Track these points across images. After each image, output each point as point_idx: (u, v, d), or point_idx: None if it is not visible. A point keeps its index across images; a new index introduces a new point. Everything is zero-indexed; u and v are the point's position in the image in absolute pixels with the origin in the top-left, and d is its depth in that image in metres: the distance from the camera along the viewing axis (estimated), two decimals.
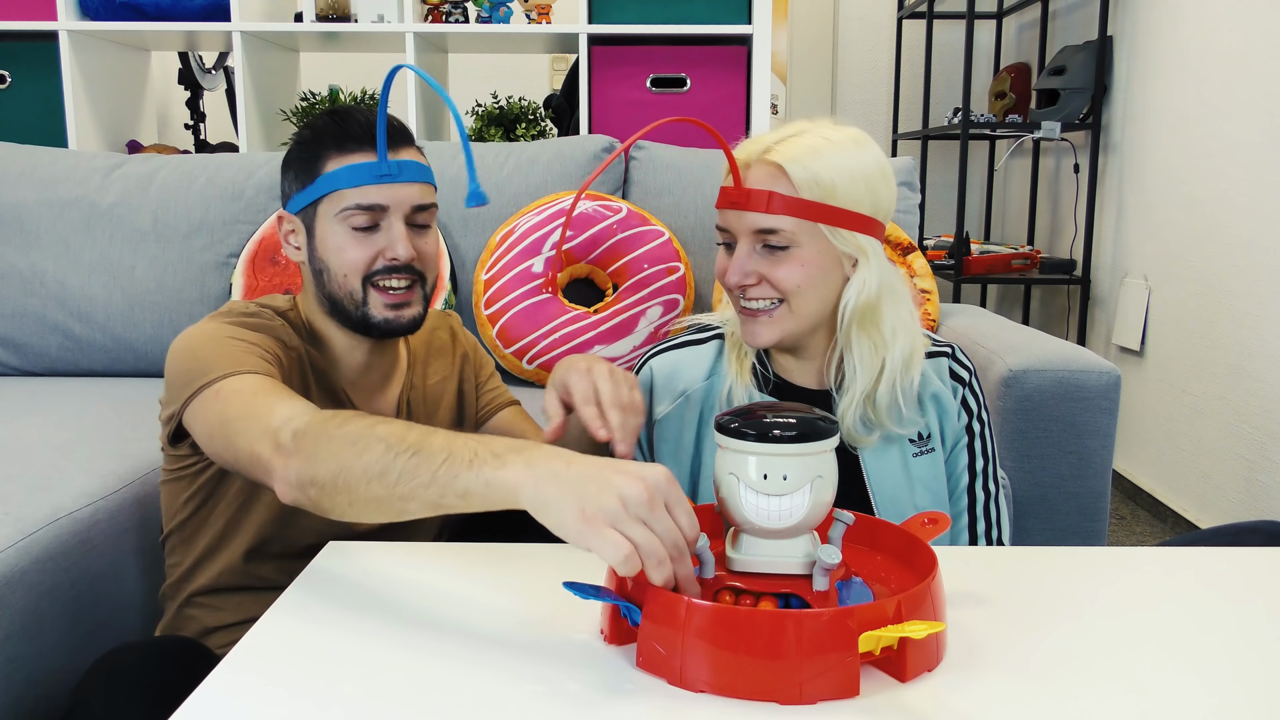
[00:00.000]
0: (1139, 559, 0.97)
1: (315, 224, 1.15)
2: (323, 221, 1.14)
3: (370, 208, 1.12)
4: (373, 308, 1.14)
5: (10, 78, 2.69)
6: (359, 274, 1.13)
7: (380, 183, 1.12)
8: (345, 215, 1.12)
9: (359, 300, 1.14)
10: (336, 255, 1.13)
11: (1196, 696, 0.70)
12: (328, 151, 1.13)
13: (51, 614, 1.20)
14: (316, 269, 1.15)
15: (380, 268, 1.13)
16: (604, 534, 0.70)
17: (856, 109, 4.19)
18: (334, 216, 1.12)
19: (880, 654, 0.72)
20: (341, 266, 1.13)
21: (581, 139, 2.14)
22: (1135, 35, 3.10)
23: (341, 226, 1.12)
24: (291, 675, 0.72)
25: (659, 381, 1.22)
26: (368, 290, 1.14)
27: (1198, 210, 2.73)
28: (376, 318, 1.14)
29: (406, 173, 1.13)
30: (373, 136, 1.12)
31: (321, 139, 1.14)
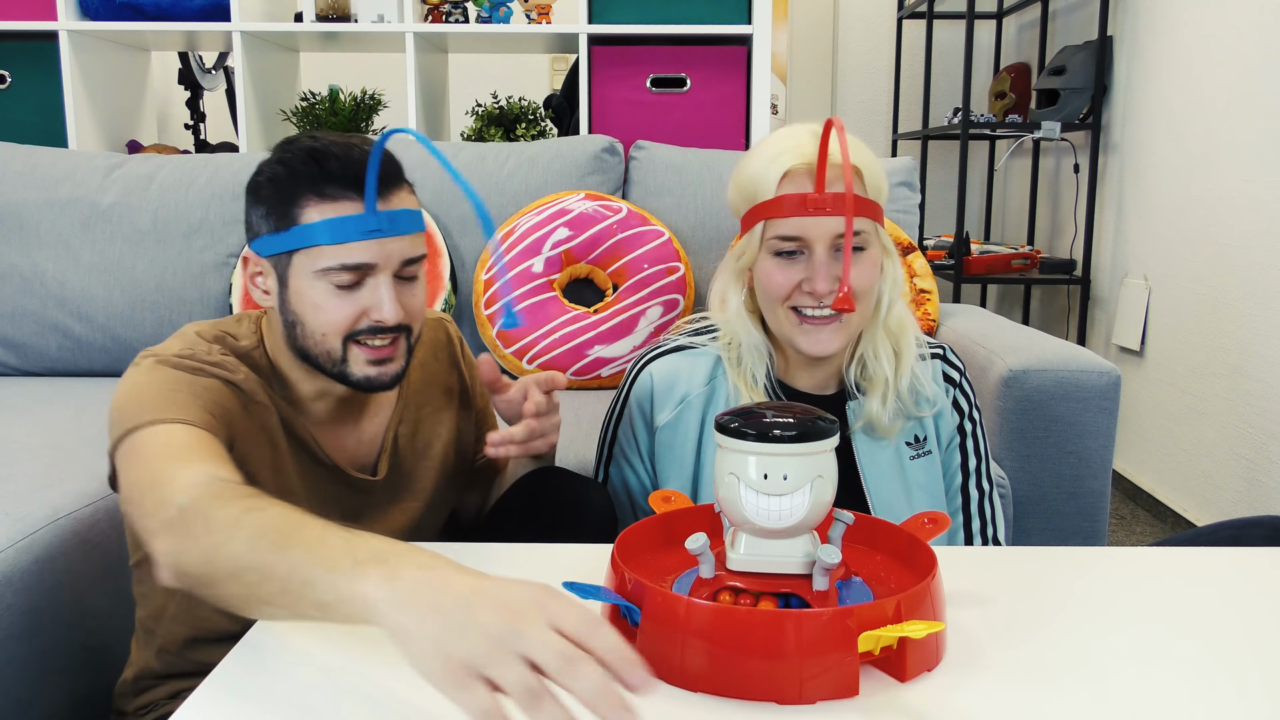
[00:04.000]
0: (1139, 559, 0.97)
1: (289, 275, 1.01)
2: (298, 275, 1.00)
3: (356, 267, 0.99)
4: (352, 364, 1.03)
5: (10, 78, 2.69)
6: (339, 334, 1.01)
7: (368, 239, 0.99)
8: (327, 275, 0.99)
9: (337, 359, 1.03)
10: (314, 313, 1.01)
11: (1197, 696, 0.70)
12: (305, 195, 0.99)
13: (51, 614, 1.20)
14: (289, 320, 1.03)
15: (364, 328, 1.01)
16: (467, 688, 0.60)
17: (856, 109, 4.19)
18: (312, 272, 0.99)
19: (880, 654, 0.72)
20: (319, 326, 1.01)
21: (581, 139, 2.14)
22: (1135, 35, 3.10)
23: (321, 283, 1.00)
24: (289, 677, 0.72)
25: (659, 387, 1.21)
26: (348, 348, 1.02)
27: (1198, 210, 2.73)
28: (356, 375, 1.03)
29: (398, 225, 1.00)
30: (357, 180, 0.98)
31: (298, 180, 0.99)
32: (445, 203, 2.05)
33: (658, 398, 1.21)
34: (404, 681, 0.71)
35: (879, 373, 1.18)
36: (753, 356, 1.18)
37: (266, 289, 1.04)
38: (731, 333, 1.20)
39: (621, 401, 1.25)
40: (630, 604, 0.74)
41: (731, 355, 1.20)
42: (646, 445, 1.23)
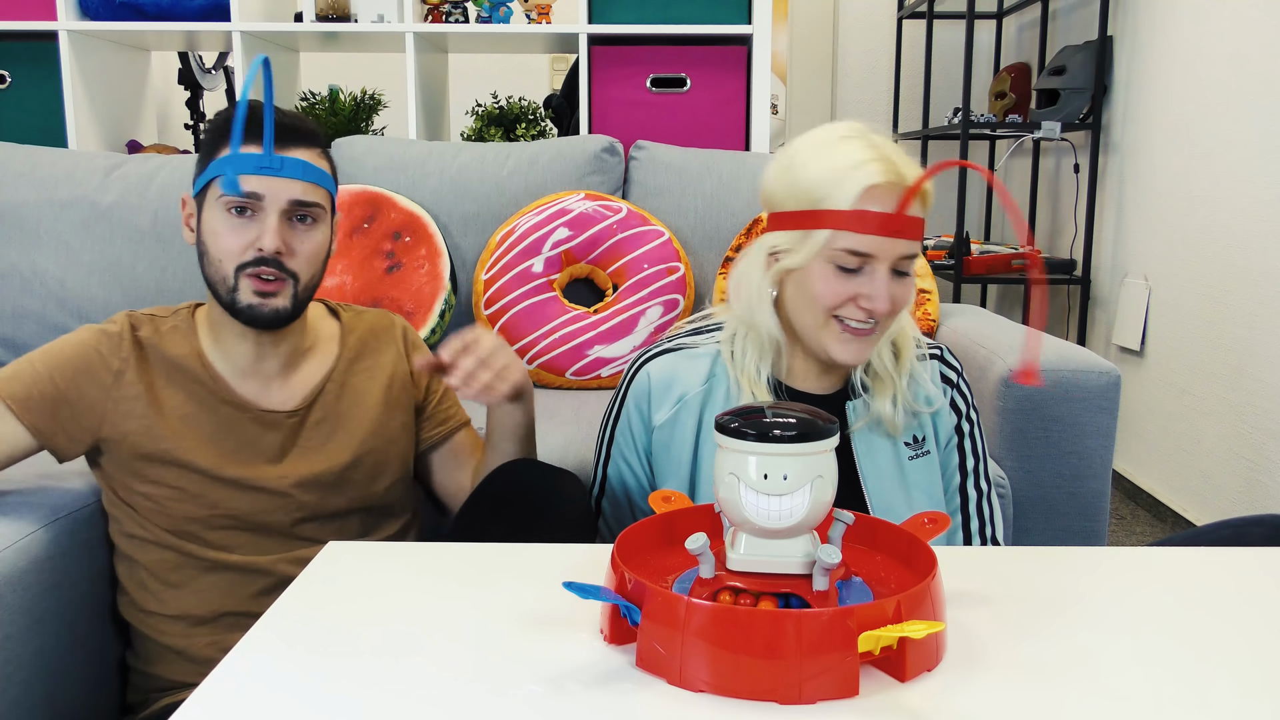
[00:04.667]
0: (1139, 559, 0.97)
1: (203, 207, 1.19)
2: (208, 206, 1.18)
3: (247, 194, 1.15)
4: (240, 293, 1.16)
5: (10, 78, 2.69)
6: (233, 261, 1.16)
7: (260, 173, 1.15)
8: (224, 200, 1.15)
9: (230, 286, 1.17)
10: (213, 239, 1.17)
11: (1197, 696, 0.70)
12: (224, 140, 1.17)
13: (51, 614, 1.20)
14: (200, 251, 1.19)
15: (250, 259, 1.16)
16: None
17: (856, 109, 4.19)
18: (215, 201, 1.16)
19: (880, 654, 0.72)
20: (217, 251, 1.17)
21: (581, 139, 2.14)
22: (1135, 35, 3.10)
23: (220, 211, 1.16)
24: (291, 675, 0.72)
25: (656, 387, 1.21)
26: (239, 277, 1.16)
27: (1198, 210, 2.73)
28: (242, 303, 1.17)
29: (289, 169, 1.16)
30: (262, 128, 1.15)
31: (224, 128, 1.17)
32: (445, 203, 2.05)
33: (655, 397, 1.21)
34: (408, 677, 0.71)
35: (885, 372, 1.18)
36: (762, 352, 1.17)
37: (192, 226, 1.21)
38: (747, 325, 1.18)
39: (619, 401, 1.25)
40: (630, 604, 0.74)
41: (735, 349, 1.19)
42: (644, 444, 1.23)
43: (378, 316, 1.37)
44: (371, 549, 0.96)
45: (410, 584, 0.88)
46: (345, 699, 0.69)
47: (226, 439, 1.22)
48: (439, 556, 0.95)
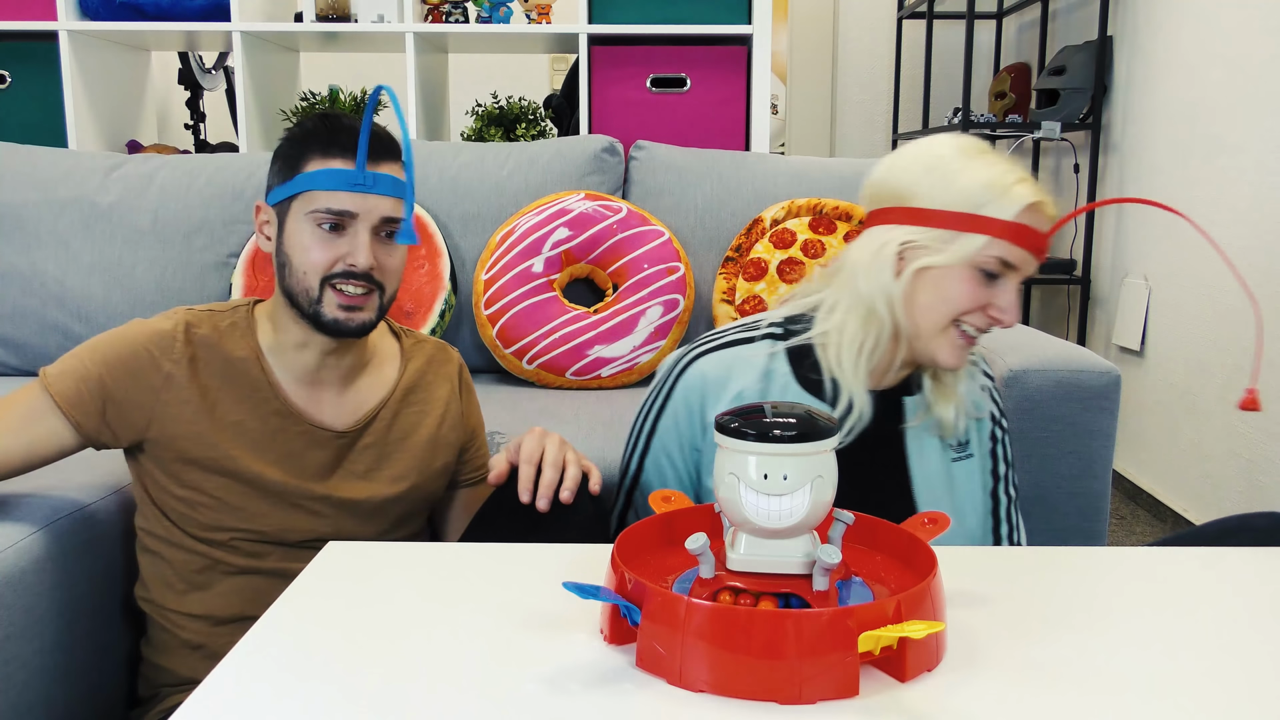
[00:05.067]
0: (1139, 559, 0.97)
1: (287, 219, 1.18)
2: (294, 218, 1.17)
3: (339, 213, 1.15)
4: (325, 306, 1.16)
5: (10, 78, 2.69)
6: (318, 274, 1.16)
7: (353, 190, 1.15)
8: (315, 216, 1.15)
9: (314, 298, 1.16)
10: (301, 253, 1.16)
11: (1197, 696, 0.70)
12: (312, 152, 1.16)
13: (51, 614, 1.20)
14: (280, 261, 1.19)
15: (339, 271, 1.16)
16: None
17: (856, 109, 4.19)
18: (304, 215, 1.16)
19: (880, 654, 0.72)
20: (303, 264, 1.16)
21: (581, 139, 2.14)
22: (1135, 35, 3.10)
23: (310, 225, 1.15)
24: (291, 675, 0.72)
25: (711, 381, 1.18)
26: (324, 290, 1.16)
27: (1198, 210, 2.73)
28: (327, 316, 1.17)
29: (380, 185, 1.16)
30: (356, 145, 1.15)
31: (309, 139, 1.17)
32: (445, 203, 2.05)
33: (710, 393, 1.18)
34: (408, 676, 0.71)
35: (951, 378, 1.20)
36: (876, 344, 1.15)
37: (269, 235, 1.21)
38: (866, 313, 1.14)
39: (663, 396, 1.23)
40: (630, 604, 0.74)
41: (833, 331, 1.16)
42: (692, 440, 1.21)
43: (437, 348, 1.37)
44: (372, 549, 0.96)
45: (410, 584, 0.88)
46: (345, 699, 0.69)
47: (272, 449, 1.21)
48: (439, 556, 0.95)
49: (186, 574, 1.22)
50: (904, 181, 1.13)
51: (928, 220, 1.11)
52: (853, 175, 2.12)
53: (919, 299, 1.12)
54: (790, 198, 2.08)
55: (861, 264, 1.14)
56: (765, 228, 2.04)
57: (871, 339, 1.14)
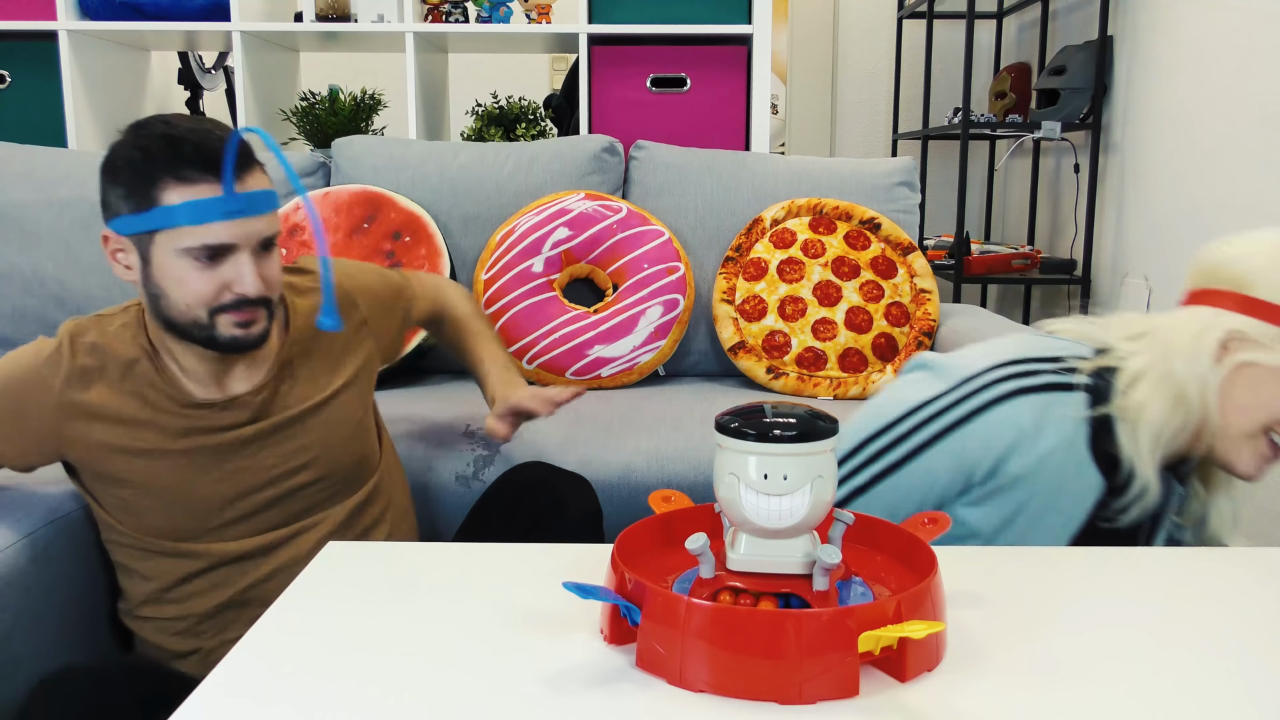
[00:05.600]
0: (1140, 559, 0.97)
1: (151, 252, 1.07)
2: (161, 252, 1.06)
3: (218, 248, 1.05)
4: (220, 328, 1.09)
5: (10, 78, 2.69)
6: (204, 306, 1.08)
7: (228, 219, 1.05)
8: (188, 251, 1.05)
9: (204, 324, 1.09)
10: (177, 286, 1.07)
11: (1197, 696, 0.70)
12: (163, 177, 1.04)
13: (51, 614, 1.20)
14: (153, 293, 1.09)
15: (227, 302, 1.08)
16: None
17: (856, 109, 4.19)
18: (174, 250, 1.05)
19: (880, 654, 0.72)
20: (184, 298, 1.07)
21: (581, 139, 2.14)
22: (1135, 35, 3.10)
23: (181, 258, 1.06)
24: (291, 675, 0.72)
25: (1025, 434, 1.05)
26: (214, 317, 1.09)
27: (1198, 210, 2.73)
28: (224, 336, 1.10)
29: (256, 205, 1.07)
30: (213, 164, 1.04)
31: (155, 163, 1.04)
32: (445, 203, 2.05)
33: (1019, 447, 1.06)
34: (408, 677, 0.71)
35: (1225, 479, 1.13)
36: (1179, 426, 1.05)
37: (128, 264, 1.10)
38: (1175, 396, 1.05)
39: (966, 413, 1.08)
40: (630, 604, 0.74)
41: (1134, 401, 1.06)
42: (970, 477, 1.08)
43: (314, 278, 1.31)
44: (372, 549, 0.96)
45: (410, 584, 0.88)
46: (345, 699, 0.69)
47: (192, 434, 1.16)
48: (439, 556, 0.95)
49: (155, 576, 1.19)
50: (1246, 268, 1.04)
51: (1265, 314, 1.03)
52: (852, 175, 2.12)
53: (1235, 396, 1.04)
54: (790, 198, 2.08)
55: (1180, 344, 1.05)
56: (765, 228, 2.04)
57: (1175, 424, 1.05)
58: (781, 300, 1.96)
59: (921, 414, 1.10)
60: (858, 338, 1.94)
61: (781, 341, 1.95)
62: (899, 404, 1.11)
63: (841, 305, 1.95)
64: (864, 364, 1.94)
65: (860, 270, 1.98)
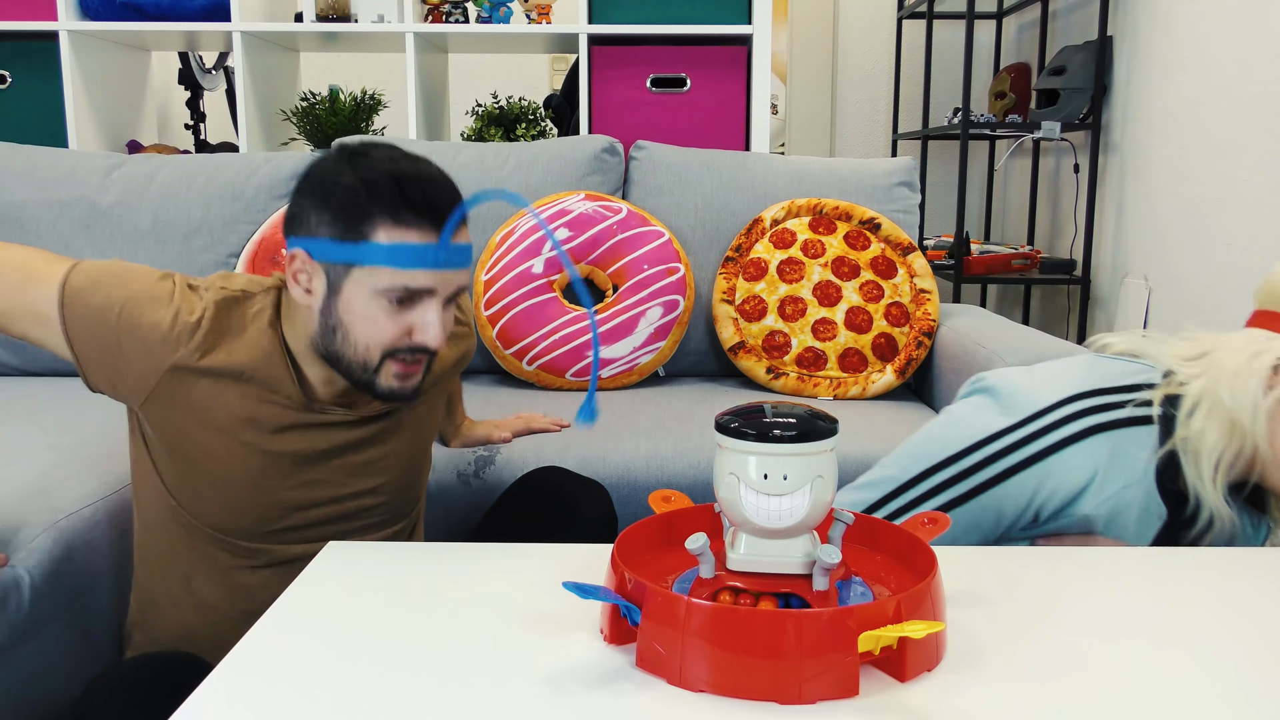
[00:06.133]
0: (1140, 559, 0.97)
1: (344, 284, 1.04)
2: (356, 287, 1.04)
3: (417, 292, 1.03)
4: (382, 377, 1.07)
5: (10, 78, 2.69)
6: (382, 349, 1.05)
7: (436, 268, 1.03)
8: (387, 291, 1.03)
9: (371, 369, 1.07)
10: (365, 325, 1.04)
11: (1197, 696, 0.70)
12: (380, 216, 1.01)
13: (51, 614, 1.20)
14: (330, 324, 1.06)
15: (404, 347, 1.06)
16: None
17: (856, 109, 4.19)
18: (372, 288, 1.03)
19: (880, 654, 0.72)
20: (364, 338, 1.05)
21: (581, 139, 2.14)
22: (1135, 35, 3.10)
23: (377, 298, 1.03)
24: (291, 675, 0.72)
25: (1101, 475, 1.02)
26: (384, 361, 1.06)
27: (1198, 210, 2.73)
28: (383, 387, 1.08)
29: (463, 259, 1.06)
30: (432, 211, 1.03)
31: (377, 199, 1.02)
32: None
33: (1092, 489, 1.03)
34: (408, 677, 0.71)
35: None
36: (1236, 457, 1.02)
37: (310, 289, 1.06)
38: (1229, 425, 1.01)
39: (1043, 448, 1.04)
40: (630, 604, 0.74)
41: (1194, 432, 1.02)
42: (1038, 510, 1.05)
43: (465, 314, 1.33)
44: (372, 549, 0.96)
45: (410, 584, 0.88)
46: (345, 699, 0.69)
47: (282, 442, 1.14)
48: (439, 556, 0.95)
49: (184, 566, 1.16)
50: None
51: None
52: (852, 175, 2.12)
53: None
54: (790, 198, 2.08)
55: (1230, 368, 1.01)
56: (765, 228, 2.04)
57: (1233, 452, 1.01)
58: (781, 300, 1.96)
59: (991, 448, 1.05)
60: (858, 338, 1.94)
61: (781, 341, 1.95)
62: (966, 434, 1.07)
63: (841, 305, 1.95)
64: (864, 364, 1.94)
65: (860, 270, 1.98)
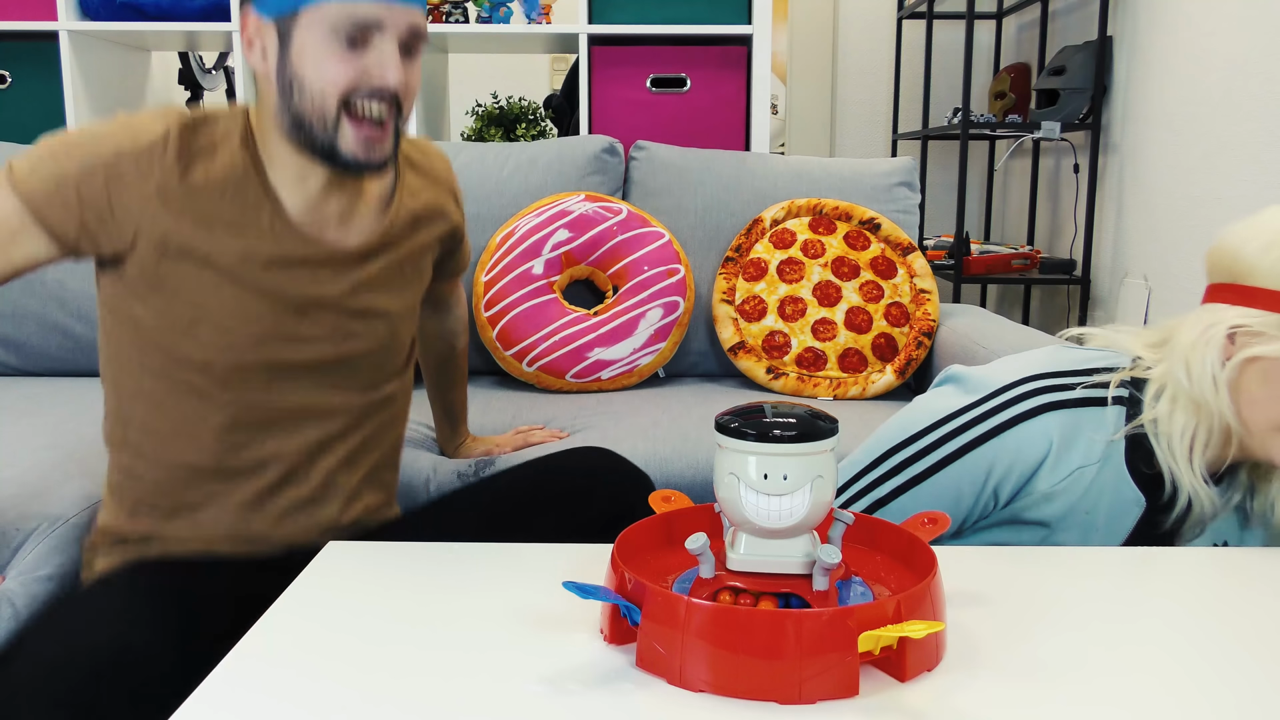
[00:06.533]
0: (1138, 559, 0.97)
1: (293, 32, 1.01)
2: (304, 30, 1.01)
3: (364, 23, 1.00)
4: (343, 139, 1.03)
5: (10, 78, 2.69)
6: (337, 94, 1.01)
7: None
8: (334, 27, 1.00)
9: (330, 124, 1.03)
10: (315, 69, 1.01)
11: (1197, 696, 0.70)
12: None
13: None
14: (286, 81, 1.03)
15: (363, 90, 1.02)
16: None
17: (856, 109, 4.19)
18: (319, 26, 1.00)
19: (880, 654, 0.72)
20: (319, 82, 1.01)
21: (581, 139, 2.14)
22: (1135, 35, 3.11)
23: (324, 36, 1.00)
24: (291, 675, 0.72)
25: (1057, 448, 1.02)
26: (341, 116, 1.02)
27: (1198, 210, 2.73)
28: (346, 152, 1.04)
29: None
30: None
31: None
32: None
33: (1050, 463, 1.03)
34: (408, 677, 0.71)
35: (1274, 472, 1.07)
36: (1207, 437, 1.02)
37: (265, 52, 1.04)
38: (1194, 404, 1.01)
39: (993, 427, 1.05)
40: (630, 604, 0.74)
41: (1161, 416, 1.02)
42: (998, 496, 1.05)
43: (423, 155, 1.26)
44: (371, 549, 0.96)
45: (410, 584, 0.88)
46: (345, 699, 0.69)
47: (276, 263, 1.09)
48: (439, 556, 0.95)
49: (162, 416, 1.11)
50: (1243, 255, 1.00)
51: (1265, 303, 0.98)
52: (852, 175, 2.12)
53: (1249, 391, 0.99)
54: (790, 198, 2.08)
55: (1187, 344, 1.02)
56: (765, 228, 2.04)
57: (1204, 431, 1.02)
58: (781, 300, 1.96)
59: (947, 426, 1.07)
60: (857, 338, 1.94)
61: (781, 342, 1.95)
62: (926, 416, 1.08)
63: (841, 305, 1.95)
64: (864, 364, 1.95)
65: (860, 270, 1.98)
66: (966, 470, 1.05)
